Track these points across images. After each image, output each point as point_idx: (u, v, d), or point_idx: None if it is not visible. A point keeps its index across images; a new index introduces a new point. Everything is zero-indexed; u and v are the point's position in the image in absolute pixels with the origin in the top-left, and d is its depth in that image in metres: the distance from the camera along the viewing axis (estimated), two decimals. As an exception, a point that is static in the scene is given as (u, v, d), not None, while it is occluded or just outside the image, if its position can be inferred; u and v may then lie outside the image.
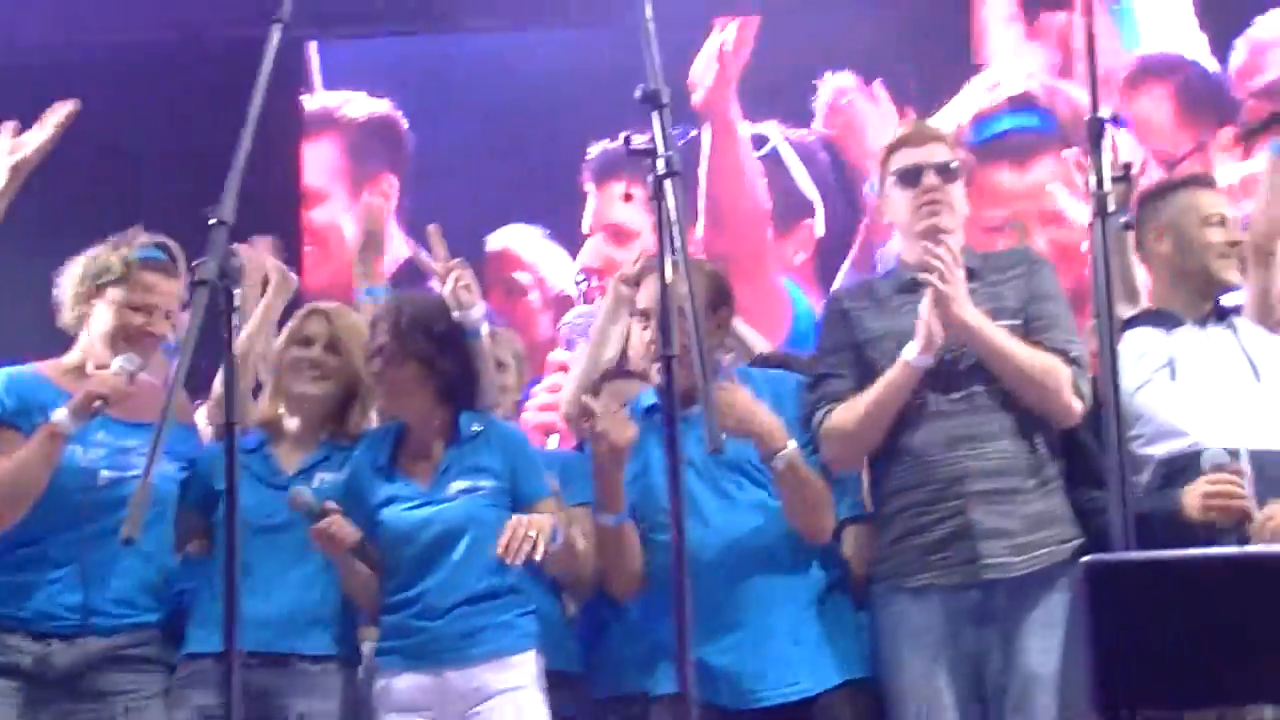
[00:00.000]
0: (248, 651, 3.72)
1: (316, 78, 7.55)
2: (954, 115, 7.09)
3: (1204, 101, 7.50)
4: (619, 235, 7.55)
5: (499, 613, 4.14)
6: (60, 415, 3.93)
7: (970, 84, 7.23)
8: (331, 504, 4.04)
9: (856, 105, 7.39)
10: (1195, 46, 7.55)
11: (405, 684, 4.12)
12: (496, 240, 7.42)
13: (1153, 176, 5.86)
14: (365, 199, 5.40)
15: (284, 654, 4.10)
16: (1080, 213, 6.91)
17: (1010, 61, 7.34)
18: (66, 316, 4.23)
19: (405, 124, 7.56)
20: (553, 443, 5.20)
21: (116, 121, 6.53)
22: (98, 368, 4.08)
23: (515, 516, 3.96)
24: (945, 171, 4.11)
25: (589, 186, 7.63)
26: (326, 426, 4.38)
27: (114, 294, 4.15)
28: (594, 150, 7.54)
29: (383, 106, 7.54)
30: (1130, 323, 4.29)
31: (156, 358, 4.26)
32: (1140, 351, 4.14)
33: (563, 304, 7.59)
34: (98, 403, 3.93)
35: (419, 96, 7.55)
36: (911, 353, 3.91)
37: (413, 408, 4.27)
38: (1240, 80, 7.28)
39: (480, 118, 7.41)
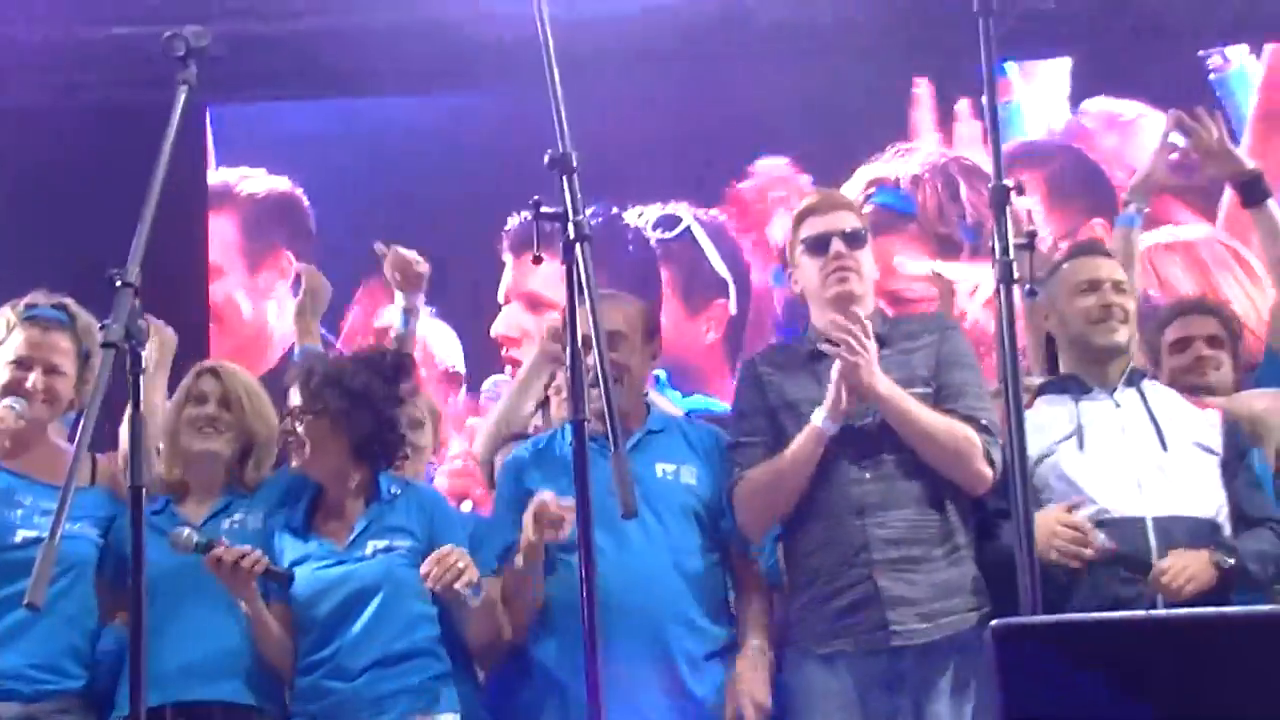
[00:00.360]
0: (172, 704, 3.93)
1: (210, 148, 7.47)
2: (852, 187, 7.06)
3: (1076, 191, 7.50)
4: (534, 304, 7.54)
5: (414, 674, 4.11)
6: None
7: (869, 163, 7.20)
8: (214, 539, 4.03)
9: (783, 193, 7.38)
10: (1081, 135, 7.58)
11: None
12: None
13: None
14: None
15: (206, 702, 4.05)
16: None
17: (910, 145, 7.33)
18: None
19: (306, 200, 7.48)
20: (466, 506, 5.17)
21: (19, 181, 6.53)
22: None
23: (445, 546, 3.97)
24: (852, 238, 4.16)
25: (506, 256, 7.60)
26: (225, 481, 4.35)
27: (4, 350, 4.15)
28: (512, 221, 7.52)
29: (283, 184, 7.46)
30: (1042, 389, 4.33)
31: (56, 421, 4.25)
32: (1048, 419, 4.16)
33: (452, 379, 7.52)
34: None
35: (320, 168, 7.47)
36: (819, 418, 3.96)
37: (328, 466, 4.24)
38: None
39: (382, 188, 7.39)
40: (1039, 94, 7.44)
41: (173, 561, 4.00)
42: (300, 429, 4.19)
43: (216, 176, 7.51)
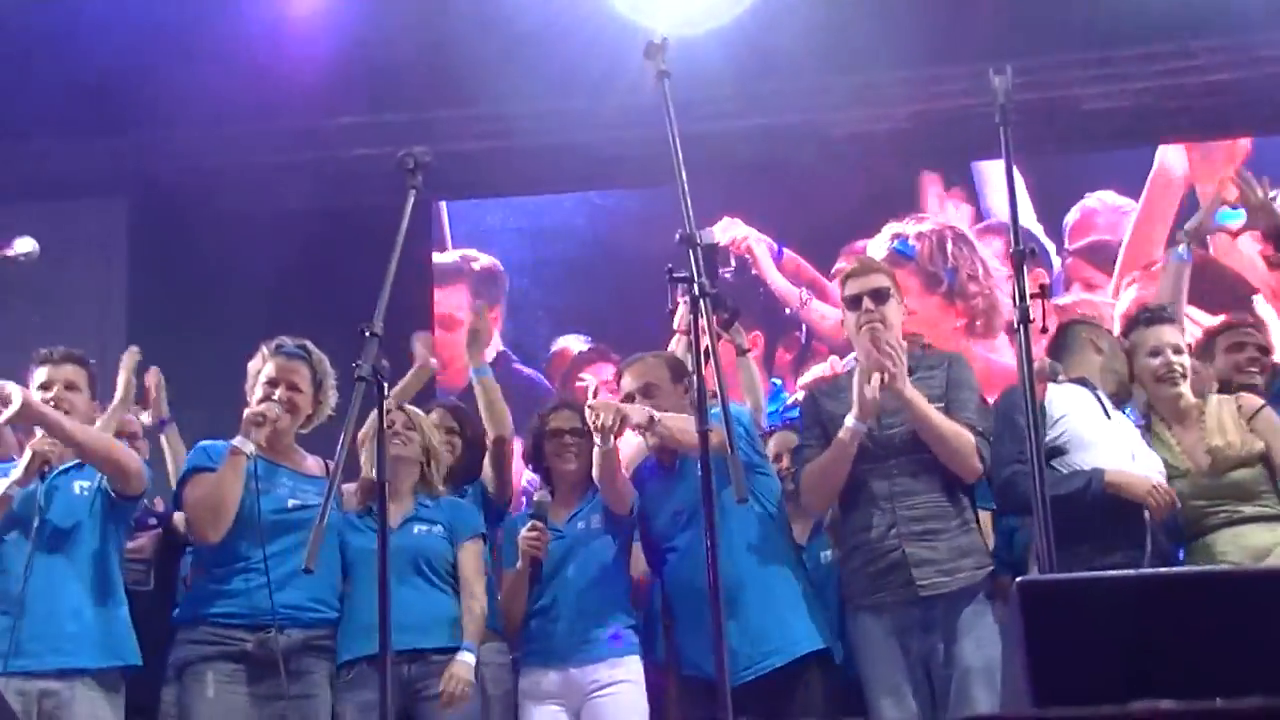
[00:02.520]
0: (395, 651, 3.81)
1: (446, 234, 7.50)
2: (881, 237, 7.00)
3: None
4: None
5: (608, 622, 4.16)
6: (240, 440, 4.02)
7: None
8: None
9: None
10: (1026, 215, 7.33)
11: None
12: (558, 344, 7.37)
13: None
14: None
15: (421, 650, 4.06)
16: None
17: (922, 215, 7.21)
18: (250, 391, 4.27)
19: (504, 271, 7.48)
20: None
21: (286, 265, 6.67)
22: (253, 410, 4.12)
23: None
24: (878, 295, 4.15)
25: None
26: (417, 485, 4.36)
27: (260, 375, 4.21)
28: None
29: (490, 260, 7.50)
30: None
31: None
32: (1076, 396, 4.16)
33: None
34: (265, 425, 4.04)
35: (514, 249, 7.52)
36: (850, 420, 4.00)
37: (582, 470, 4.32)
38: (1072, 235, 7.04)
39: (557, 263, 7.41)
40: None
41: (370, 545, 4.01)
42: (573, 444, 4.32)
43: (449, 256, 7.47)
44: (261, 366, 4.20)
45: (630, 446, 4.42)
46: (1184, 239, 4.76)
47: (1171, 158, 6.88)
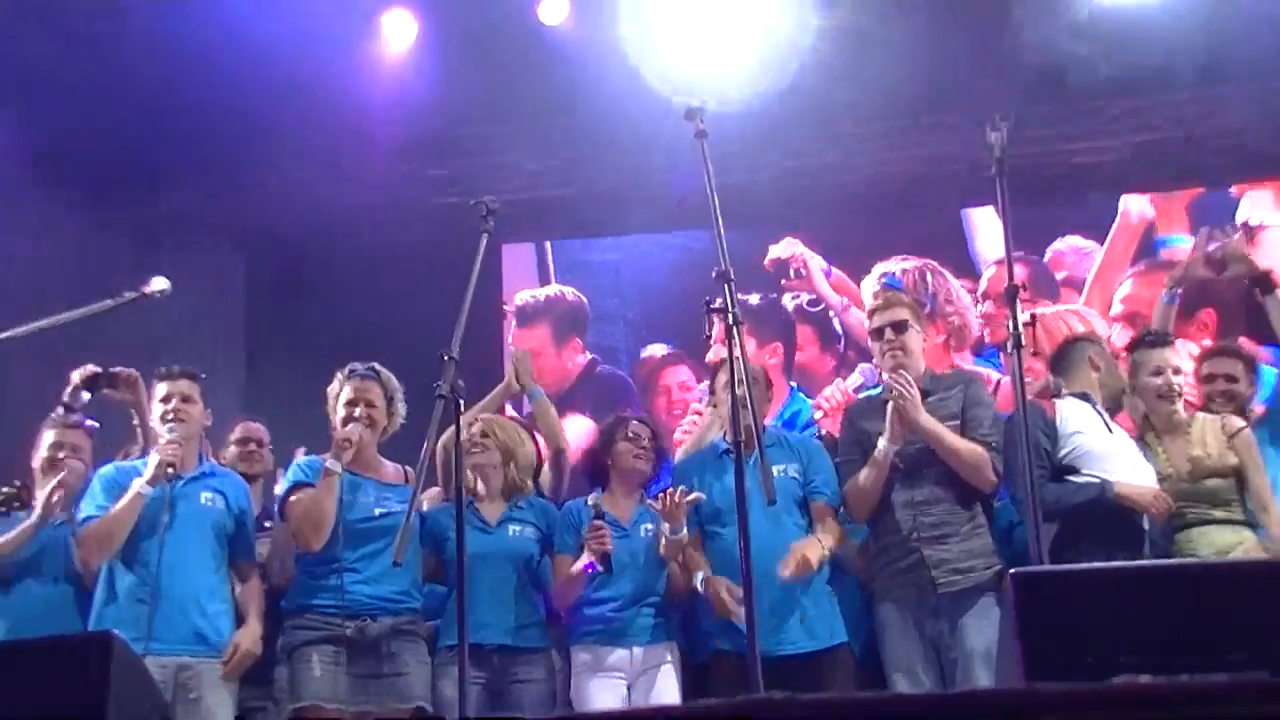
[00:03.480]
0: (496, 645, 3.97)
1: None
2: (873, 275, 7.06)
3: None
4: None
5: (652, 611, 4.19)
6: (330, 461, 4.06)
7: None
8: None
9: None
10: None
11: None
12: (645, 351, 7.35)
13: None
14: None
15: (508, 646, 4.11)
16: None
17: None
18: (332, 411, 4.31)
19: (585, 302, 7.42)
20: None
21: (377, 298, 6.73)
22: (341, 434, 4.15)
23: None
24: (899, 327, 4.20)
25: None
26: (504, 487, 4.37)
27: (340, 398, 4.25)
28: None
29: (570, 294, 7.45)
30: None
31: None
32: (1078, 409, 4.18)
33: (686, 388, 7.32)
34: (350, 447, 4.06)
35: (591, 284, 7.49)
36: (882, 443, 4.06)
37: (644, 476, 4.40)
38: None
39: (628, 292, 7.41)
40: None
41: (473, 546, 3.97)
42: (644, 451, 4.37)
43: (526, 295, 7.40)
44: (339, 390, 4.23)
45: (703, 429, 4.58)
46: (1171, 284, 4.81)
47: (1132, 205, 6.96)
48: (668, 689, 4.06)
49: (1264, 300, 4.57)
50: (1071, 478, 3.99)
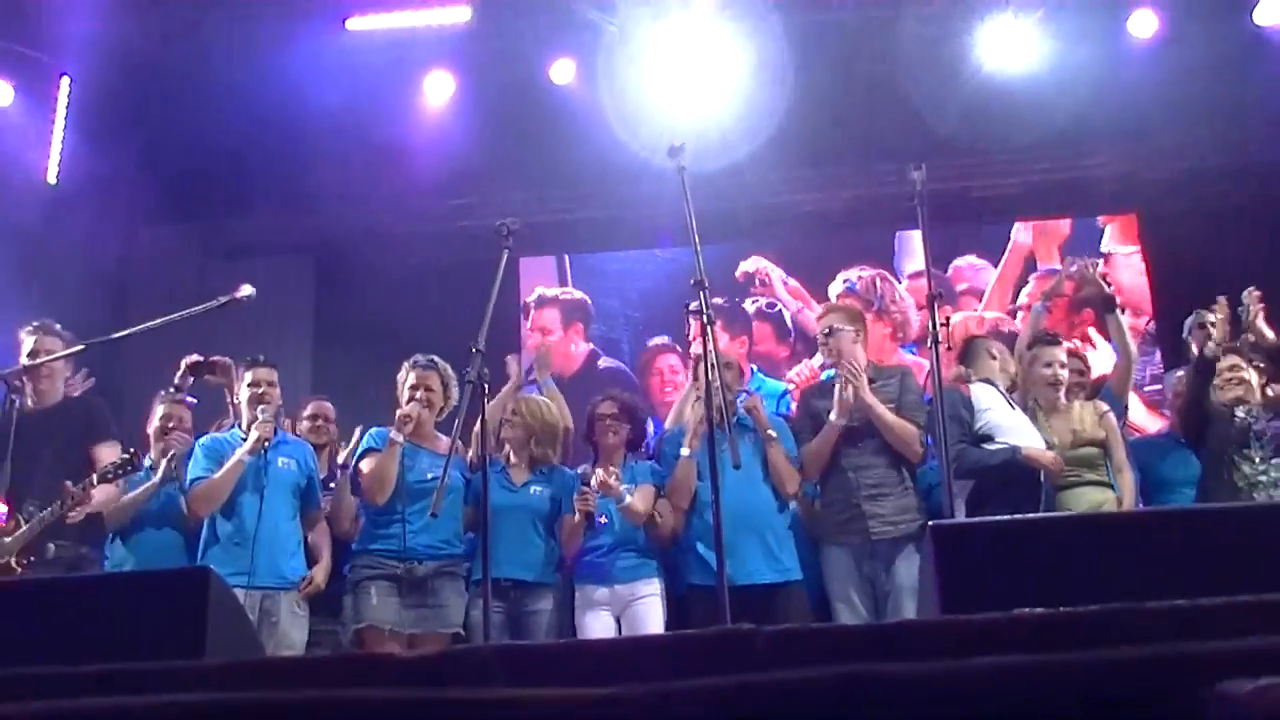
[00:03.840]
0: (513, 581, 3.89)
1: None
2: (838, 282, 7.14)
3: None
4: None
5: (635, 554, 4.12)
6: (394, 433, 4.02)
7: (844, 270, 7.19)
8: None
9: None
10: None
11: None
12: (651, 343, 7.21)
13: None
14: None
15: (523, 581, 4.06)
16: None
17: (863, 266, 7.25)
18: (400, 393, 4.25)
19: (589, 301, 7.41)
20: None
21: (423, 303, 6.65)
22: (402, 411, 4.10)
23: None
24: (833, 333, 4.17)
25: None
26: (530, 459, 4.30)
27: (405, 384, 4.20)
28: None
29: (577, 294, 7.45)
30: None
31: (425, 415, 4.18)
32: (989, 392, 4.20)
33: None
34: (410, 423, 4.02)
35: (592, 287, 7.47)
36: (833, 416, 4.05)
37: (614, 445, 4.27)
38: (950, 283, 7.16)
39: (624, 293, 7.39)
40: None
41: (502, 501, 3.99)
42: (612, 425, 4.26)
43: (542, 290, 7.42)
44: (406, 377, 4.22)
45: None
46: (1042, 299, 4.88)
47: (1020, 236, 7.14)
48: (652, 619, 4.01)
49: (1105, 319, 4.67)
50: (986, 445, 4.02)
